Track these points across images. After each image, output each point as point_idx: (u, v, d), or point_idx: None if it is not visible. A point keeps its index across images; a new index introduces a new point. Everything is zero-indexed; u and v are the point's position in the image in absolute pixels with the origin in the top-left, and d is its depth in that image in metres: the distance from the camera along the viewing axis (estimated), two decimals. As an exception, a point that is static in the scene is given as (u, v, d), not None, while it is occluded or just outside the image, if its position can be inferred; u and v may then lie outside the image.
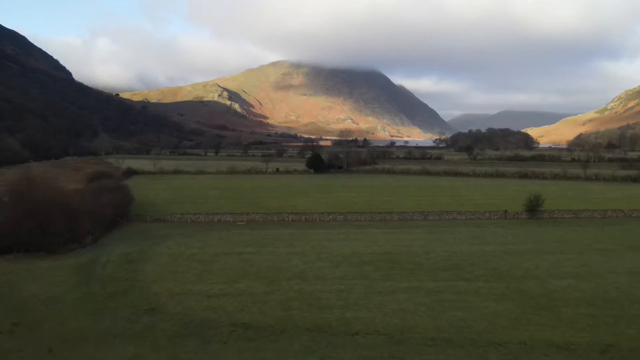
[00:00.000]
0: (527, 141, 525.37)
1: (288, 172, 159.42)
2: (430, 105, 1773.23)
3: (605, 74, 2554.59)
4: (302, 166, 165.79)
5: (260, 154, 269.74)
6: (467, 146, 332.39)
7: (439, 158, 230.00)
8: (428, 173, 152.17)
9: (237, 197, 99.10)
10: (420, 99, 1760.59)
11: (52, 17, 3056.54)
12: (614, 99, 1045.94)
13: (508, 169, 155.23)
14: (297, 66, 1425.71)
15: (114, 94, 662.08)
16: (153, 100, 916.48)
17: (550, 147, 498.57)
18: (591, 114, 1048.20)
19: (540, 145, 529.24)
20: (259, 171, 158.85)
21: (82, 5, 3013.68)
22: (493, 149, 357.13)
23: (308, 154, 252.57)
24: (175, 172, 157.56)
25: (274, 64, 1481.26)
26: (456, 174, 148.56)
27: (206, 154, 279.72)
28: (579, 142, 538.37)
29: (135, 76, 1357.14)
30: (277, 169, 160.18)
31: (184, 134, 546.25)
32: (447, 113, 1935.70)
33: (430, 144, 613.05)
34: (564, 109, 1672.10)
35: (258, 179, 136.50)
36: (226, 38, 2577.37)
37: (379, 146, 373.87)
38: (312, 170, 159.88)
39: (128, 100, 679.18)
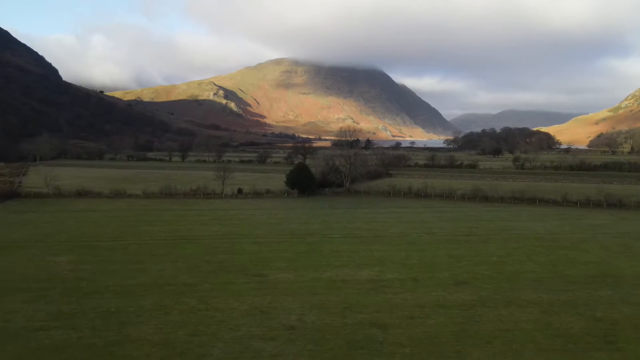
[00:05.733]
0: (549, 141, 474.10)
1: (257, 194, 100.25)
2: (432, 105, 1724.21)
3: (613, 72, 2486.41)
4: (284, 179, 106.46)
5: (237, 159, 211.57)
6: (495, 149, 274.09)
7: (473, 166, 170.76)
8: (486, 198, 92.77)
9: (94, 287, 40.74)
10: (422, 98, 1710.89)
11: (49, 15, 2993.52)
12: (628, 97, 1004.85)
13: (617, 189, 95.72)
14: (295, 64, 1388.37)
15: (99, 91, 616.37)
16: (146, 99, 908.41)
17: (569, 147, 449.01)
18: (604, 113, 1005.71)
19: (561, 146, 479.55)
20: (210, 193, 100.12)
21: (78, 2, 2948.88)
22: (521, 151, 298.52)
23: (299, 159, 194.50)
24: (79, 194, 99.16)
25: (272, 61, 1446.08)
26: (533, 200, 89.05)
27: (171, 159, 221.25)
28: (601, 142, 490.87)
29: (132, 75, 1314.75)
30: (240, 190, 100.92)
31: (170, 133, 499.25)
32: (448, 112, 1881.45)
33: (439, 144, 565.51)
34: (569, 109, 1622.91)
35: (193, 215, 77.47)
36: (225, 35, 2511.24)
37: (385, 147, 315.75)
38: (295, 190, 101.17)
39: (111, 98, 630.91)
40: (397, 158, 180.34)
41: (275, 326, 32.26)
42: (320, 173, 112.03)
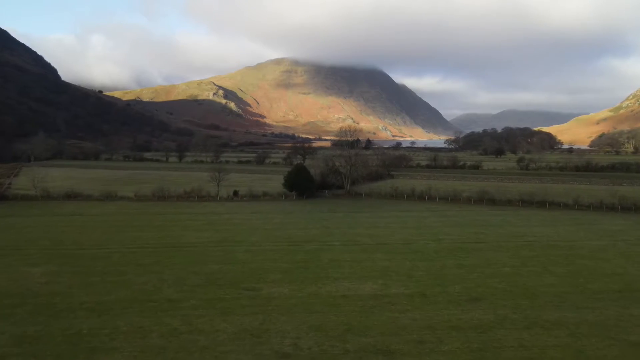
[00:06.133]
0: (551, 141, 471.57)
1: (253, 196, 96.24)
2: (432, 105, 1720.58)
3: (613, 72, 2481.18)
4: (282, 181, 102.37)
5: (235, 160, 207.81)
6: (498, 149, 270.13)
7: (476, 167, 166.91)
8: (493, 201, 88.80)
9: (67, 303, 36.80)
10: (422, 98, 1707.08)
11: (48, 15, 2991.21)
12: (629, 96, 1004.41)
13: (628, 191, 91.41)
14: (295, 64, 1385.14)
15: (98, 91, 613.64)
16: (146, 99, 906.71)
17: (570, 147, 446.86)
18: (605, 113, 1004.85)
19: (563, 146, 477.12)
20: (205, 195, 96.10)
21: (78, 2, 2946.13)
22: (524, 152, 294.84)
23: (298, 160, 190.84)
24: (68, 196, 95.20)
25: (272, 61, 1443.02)
26: (543, 203, 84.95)
27: (167, 159, 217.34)
28: (602, 142, 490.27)
29: (132, 75, 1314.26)
30: (235, 192, 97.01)
31: (169, 133, 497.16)
32: (448, 112, 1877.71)
33: (440, 144, 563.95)
34: (569, 109, 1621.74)
35: (186, 220, 73.46)
36: (225, 34, 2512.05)
37: (386, 148, 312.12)
38: (293, 192, 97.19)
39: (110, 97, 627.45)
40: (399, 159, 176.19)
41: (267, 353, 28.25)
42: (319, 174, 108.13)
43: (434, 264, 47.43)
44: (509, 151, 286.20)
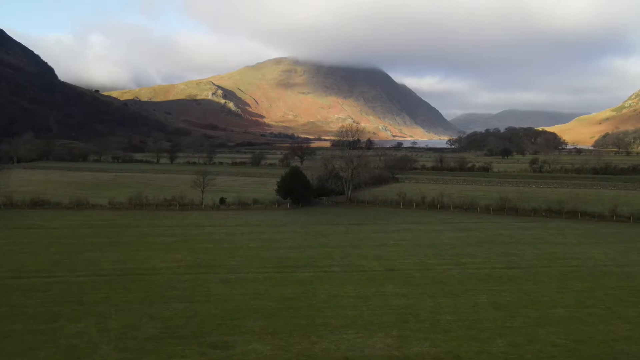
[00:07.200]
0: (555, 142, 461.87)
1: (242, 204, 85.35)
2: (432, 104, 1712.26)
3: (615, 72, 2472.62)
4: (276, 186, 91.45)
5: (229, 161, 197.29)
6: (504, 149, 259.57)
7: (485, 169, 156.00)
8: (515, 211, 77.86)
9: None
10: (423, 98, 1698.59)
11: (47, 15, 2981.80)
12: (632, 96, 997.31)
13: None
14: (295, 63, 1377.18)
15: (94, 91, 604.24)
16: (144, 98, 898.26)
17: (576, 147, 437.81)
18: (607, 112, 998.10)
19: (567, 146, 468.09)
20: (188, 204, 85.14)
21: (77, 1, 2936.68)
22: (530, 152, 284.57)
23: (296, 161, 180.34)
24: (34, 203, 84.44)
25: (271, 61, 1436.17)
26: (574, 213, 74.03)
27: (159, 161, 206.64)
28: (607, 142, 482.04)
29: (131, 75, 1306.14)
30: (222, 200, 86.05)
31: (167, 134, 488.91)
32: (448, 112, 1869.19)
33: (441, 144, 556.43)
34: (571, 108, 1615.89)
35: (159, 234, 62.40)
36: (224, 34, 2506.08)
37: (387, 148, 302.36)
38: (287, 199, 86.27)
39: (107, 97, 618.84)
40: (402, 160, 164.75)
41: None
42: (317, 178, 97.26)
43: (463, 303, 36.58)
44: (515, 152, 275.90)
